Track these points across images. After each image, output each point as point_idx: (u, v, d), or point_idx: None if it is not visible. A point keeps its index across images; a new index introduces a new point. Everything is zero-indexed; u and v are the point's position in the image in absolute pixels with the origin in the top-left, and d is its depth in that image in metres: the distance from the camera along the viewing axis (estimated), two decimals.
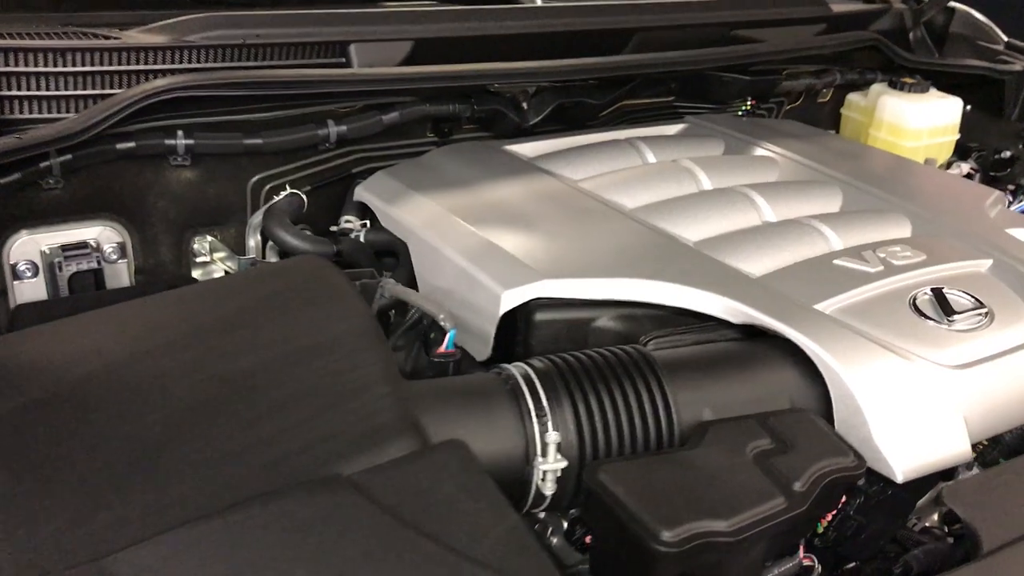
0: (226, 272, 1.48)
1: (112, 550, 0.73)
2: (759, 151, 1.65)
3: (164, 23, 1.39)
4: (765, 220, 1.39)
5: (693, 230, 1.32)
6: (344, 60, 1.47)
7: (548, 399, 0.96)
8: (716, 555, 0.85)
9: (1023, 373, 1.11)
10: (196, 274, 1.50)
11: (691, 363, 1.05)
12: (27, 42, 1.31)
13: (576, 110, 1.72)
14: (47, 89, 1.33)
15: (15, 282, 1.38)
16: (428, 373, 1.09)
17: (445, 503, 0.79)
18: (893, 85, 2.02)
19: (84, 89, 1.34)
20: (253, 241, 1.47)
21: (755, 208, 1.39)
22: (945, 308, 1.15)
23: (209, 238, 1.49)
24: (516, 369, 0.99)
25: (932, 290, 1.18)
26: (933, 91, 2.02)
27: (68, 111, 1.35)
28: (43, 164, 1.31)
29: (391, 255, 1.39)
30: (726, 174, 1.51)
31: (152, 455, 0.82)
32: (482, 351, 1.14)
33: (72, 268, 1.39)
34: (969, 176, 2.06)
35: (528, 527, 0.78)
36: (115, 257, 1.45)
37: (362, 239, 1.39)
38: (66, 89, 1.34)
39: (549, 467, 0.92)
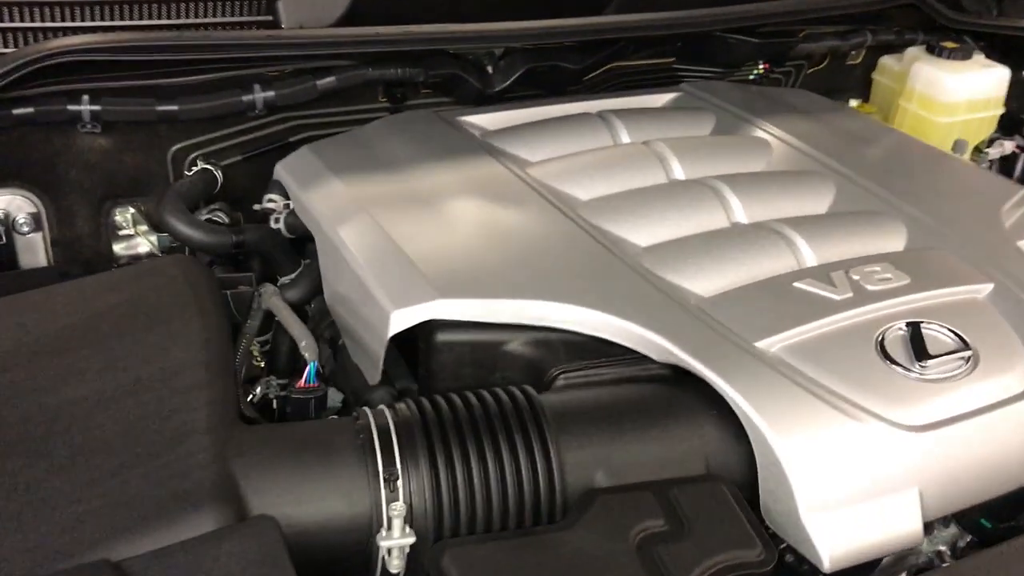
0: (150, 247, 1.37)
1: None
2: (753, 130, 1.44)
3: None
4: (734, 221, 1.20)
5: (645, 233, 1.15)
6: (271, 17, 1.31)
7: (403, 457, 0.81)
8: None
9: (1000, 434, 0.93)
10: (118, 248, 1.38)
11: (589, 412, 0.90)
12: None
13: (551, 74, 1.53)
14: None
15: None
16: (287, 410, 0.96)
17: None
18: (931, 50, 1.77)
19: None
20: None
21: (724, 207, 1.20)
22: (918, 350, 0.97)
23: (131, 210, 1.37)
24: (375, 417, 0.85)
25: (908, 324, 1.00)
26: (978, 58, 1.77)
27: None
28: None
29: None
30: (704, 161, 1.31)
31: None
32: (373, 375, 1.00)
33: None
34: (1014, 155, 1.82)
35: None
36: (27, 229, 1.34)
37: (281, 223, 1.25)
38: None
39: (394, 544, 0.78)
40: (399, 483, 0.80)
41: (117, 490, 0.74)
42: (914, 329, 0.99)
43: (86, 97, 1.26)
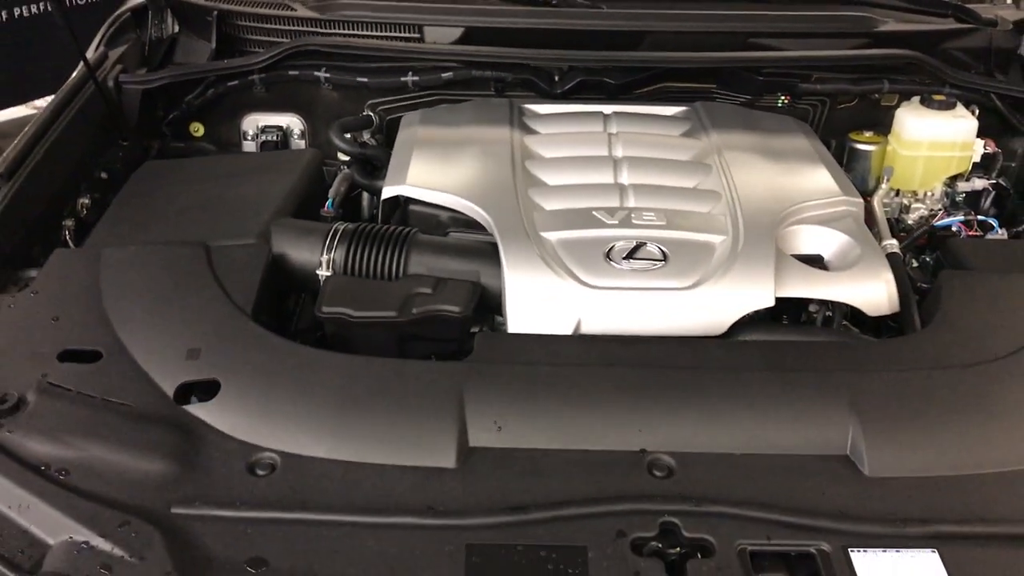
0: None
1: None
2: (702, 134, 2.14)
3: (322, 3, 2.37)
4: (619, 181, 1.97)
5: (557, 178, 1.97)
6: (419, 36, 2.32)
7: (339, 241, 1.78)
8: (348, 328, 1.64)
9: (646, 304, 1.66)
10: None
11: (436, 245, 1.79)
12: (248, 9, 2.38)
13: (601, 86, 2.35)
14: (256, 35, 2.40)
15: (244, 141, 2.49)
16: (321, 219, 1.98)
17: (233, 269, 1.69)
18: (924, 99, 2.27)
19: (272, 37, 2.39)
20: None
21: (615, 173, 1.98)
22: (629, 254, 1.72)
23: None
24: (339, 224, 1.83)
25: (636, 242, 1.74)
26: (958, 109, 2.24)
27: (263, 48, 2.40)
28: (249, 78, 2.38)
29: None
30: (637, 147, 2.08)
31: (170, 211, 1.86)
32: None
33: (263, 138, 2.47)
34: (985, 192, 2.26)
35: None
36: (297, 137, 2.50)
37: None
38: (264, 36, 2.40)
39: (321, 273, 1.76)
40: (332, 252, 1.77)
41: (229, 221, 1.81)
42: (637, 243, 1.74)
43: (324, 68, 2.37)
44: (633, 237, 1.76)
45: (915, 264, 2.04)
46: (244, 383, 1.47)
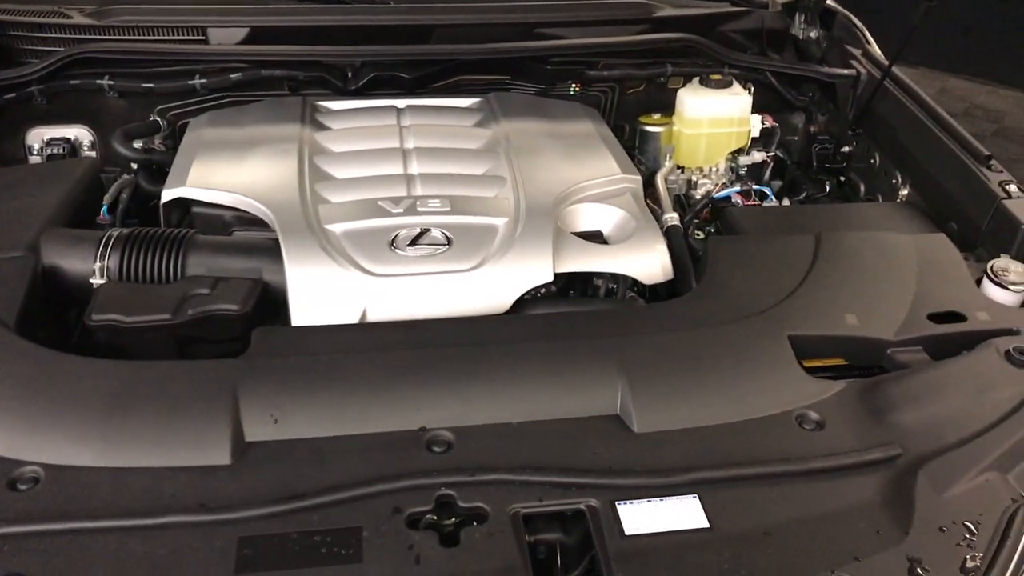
0: None
1: None
2: (492, 122, 2.18)
3: (99, 8, 2.30)
4: (408, 172, 1.98)
5: (345, 171, 1.97)
6: (204, 38, 2.28)
7: (113, 248, 1.73)
8: (121, 335, 1.59)
9: (425, 289, 1.67)
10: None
11: (214, 245, 1.75)
12: (19, 18, 2.28)
13: (394, 81, 2.36)
14: (32, 45, 2.30)
15: (30, 156, 2.38)
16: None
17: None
18: (703, 80, 2.38)
19: (49, 47, 2.29)
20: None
21: (404, 164, 1.99)
22: (412, 241, 1.73)
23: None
24: (112, 230, 1.77)
25: (421, 228, 1.76)
26: (734, 88, 2.36)
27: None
28: (27, 90, 2.28)
29: None
30: (428, 139, 2.10)
31: None
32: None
33: (49, 152, 2.36)
34: (764, 164, 2.38)
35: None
36: (87, 148, 2.40)
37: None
38: (41, 46, 2.30)
39: (95, 281, 1.70)
40: (106, 259, 1.71)
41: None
42: (422, 230, 1.75)
43: (106, 76, 2.29)
44: (418, 224, 1.77)
45: (700, 235, 2.13)
46: (3, 397, 1.41)
